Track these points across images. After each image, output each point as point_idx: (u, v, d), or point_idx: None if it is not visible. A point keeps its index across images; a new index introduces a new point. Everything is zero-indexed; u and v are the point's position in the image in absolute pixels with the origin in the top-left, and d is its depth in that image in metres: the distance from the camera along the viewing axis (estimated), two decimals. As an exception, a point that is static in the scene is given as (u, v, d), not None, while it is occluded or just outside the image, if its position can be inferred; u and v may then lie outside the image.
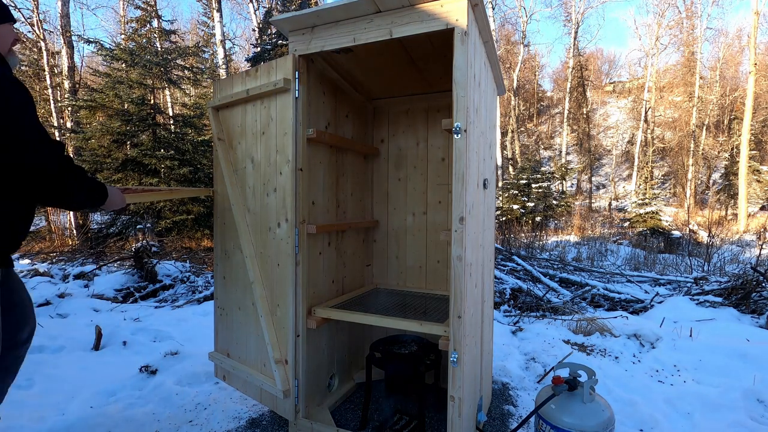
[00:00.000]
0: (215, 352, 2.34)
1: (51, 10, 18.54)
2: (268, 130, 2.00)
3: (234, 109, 2.18)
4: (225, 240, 2.24)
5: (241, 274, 2.15)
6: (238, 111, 2.16)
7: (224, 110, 2.24)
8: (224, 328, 2.29)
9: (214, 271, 2.33)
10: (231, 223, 2.18)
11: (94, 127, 9.23)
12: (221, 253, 2.27)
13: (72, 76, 11.02)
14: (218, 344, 2.34)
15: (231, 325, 2.25)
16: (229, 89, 2.18)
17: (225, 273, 2.26)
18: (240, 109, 2.15)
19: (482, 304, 2.01)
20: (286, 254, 1.93)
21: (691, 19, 22.86)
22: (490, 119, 2.18)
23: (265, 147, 2.02)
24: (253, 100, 2.06)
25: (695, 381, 2.72)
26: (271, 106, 1.98)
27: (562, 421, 1.61)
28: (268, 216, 2.01)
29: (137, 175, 8.98)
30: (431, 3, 1.56)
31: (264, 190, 2.03)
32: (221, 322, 2.31)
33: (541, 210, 14.56)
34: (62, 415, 2.15)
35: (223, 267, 2.27)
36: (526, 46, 24.29)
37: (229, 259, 2.23)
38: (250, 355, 2.13)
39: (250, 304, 2.11)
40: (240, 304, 2.18)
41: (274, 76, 1.93)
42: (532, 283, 5.44)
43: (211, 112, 2.26)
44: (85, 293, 4.68)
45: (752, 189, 16.33)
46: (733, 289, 4.52)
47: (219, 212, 2.25)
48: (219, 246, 2.29)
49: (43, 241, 9.53)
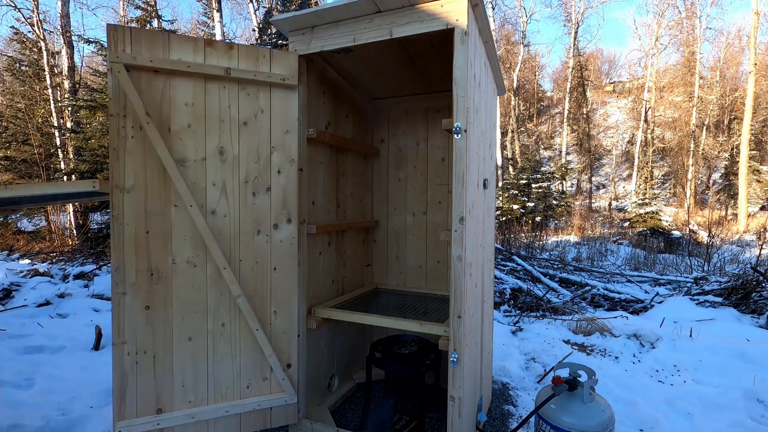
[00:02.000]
0: (128, 420, 1.68)
1: (51, 10, 18.55)
2: (256, 122, 1.83)
3: (177, 80, 1.72)
4: (156, 254, 1.71)
5: (199, 294, 1.76)
6: (188, 86, 1.74)
7: (152, 76, 1.69)
8: (148, 378, 1.71)
9: (115, 305, 1.66)
10: (176, 231, 1.73)
11: (94, 127, 9.23)
12: (144, 274, 1.69)
13: (72, 76, 11.02)
14: (136, 405, 1.70)
15: (167, 369, 1.73)
16: (164, 50, 1.69)
17: (152, 301, 1.71)
18: (191, 83, 1.74)
19: (482, 304, 2.01)
20: (287, 256, 1.89)
21: (691, 19, 22.85)
22: (490, 119, 2.18)
23: (248, 140, 1.82)
24: (226, 82, 1.78)
25: (695, 381, 2.72)
26: (260, 96, 1.83)
27: (562, 421, 1.61)
28: (257, 218, 1.83)
29: (137, 175, 8.97)
30: (431, 3, 1.56)
31: (246, 189, 1.82)
32: (141, 374, 1.70)
33: (541, 210, 14.56)
34: (62, 414, 2.15)
35: (147, 293, 1.70)
36: (526, 46, 24.29)
37: (163, 281, 1.72)
38: (222, 386, 1.81)
39: (220, 325, 1.79)
40: (194, 332, 1.76)
41: (267, 66, 1.81)
42: (532, 283, 5.44)
43: (120, 72, 1.62)
44: (85, 293, 4.68)
45: (752, 189, 16.33)
46: (733, 289, 4.52)
47: (133, 217, 1.68)
48: (135, 265, 1.68)
49: (43, 241, 9.54)
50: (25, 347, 3.05)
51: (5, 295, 4.40)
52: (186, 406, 1.77)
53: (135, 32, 1.67)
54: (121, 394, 1.69)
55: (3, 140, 11.55)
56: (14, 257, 7.20)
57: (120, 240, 1.67)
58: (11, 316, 3.82)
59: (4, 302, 4.24)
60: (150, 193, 1.71)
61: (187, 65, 1.71)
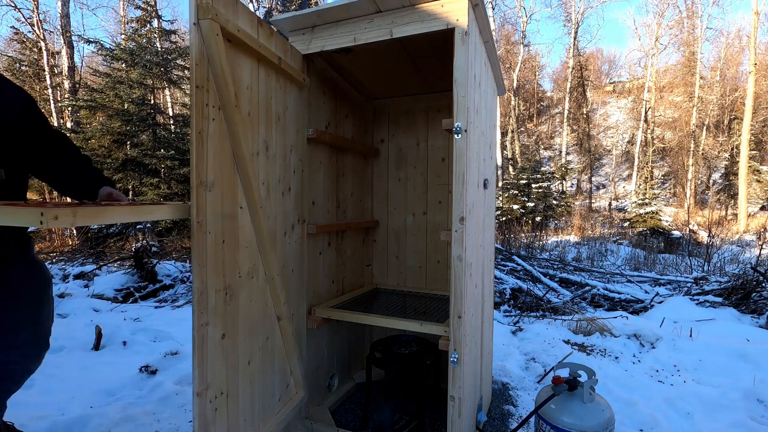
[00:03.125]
0: None
1: (51, 10, 18.57)
2: (284, 118, 1.73)
3: (241, 57, 1.43)
4: (230, 267, 1.39)
5: (256, 309, 1.55)
6: (247, 66, 1.47)
7: (227, 45, 1.34)
8: (222, 423, 1.39)
9: (198, 341, 1.25)
10: (241, 237, 1.45)
11: (94, 127, 9.23)
12: (221, 294, 1.35)
13: (72, 76, 11.02)
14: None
15: (235, 405, 1.45)
16: (235, 16, 1.37)
17: (226, 327, 1.37)
18: (249, 63, 1.48)
19: (482, 304, 2.01)
20: (298, 257, 1.90)
21: (692, 18, 22.85)
22: (491, 119, 2.17)
23: (282, 137, 1.71)
24: (272, 69, 1.56)
25: (695, 381, 2.72)
26: (288, 91, 1.75)
27: (562, 421, 1.61)
28: (284, 219, 1.75)
29: (137, 175, 8.98)
30: (432, 3, 1.56)
31: (278, 188, 1.70)
32: (219, 420, 1.36)
33: (541, 210, 14.55)
34: (62, 414, 2.15)
35: (222, 318, 1.36)
36: (526, 46, 24.29)
37: (234, 299, 1.42)
38: (267, 407, 1.64)
39: (265, 339, 1.61)
40: (251, 354, 1.52)
41: (290, 61, 1.71)
42: (532, 283, 5.44)
43: (218, 35, 1.25)
44: (85, 293, 4.68)
45: (752, 189, 16.33)
46: (733, 289, 4.52)
47: (213, 223, 1.30)
48: (215, 284, 1.32)
49: (43, 241, 9.54)
50: (25, 347, 3.05)
51: (5, 295, 4.39)
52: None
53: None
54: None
55: (3, 140, 11.52)
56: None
57: (203, 254, 1.26)
58: (11, 316, 3.82)
59: (4, 302, 4.24)
60: (225, 191, 1.37)
61: (256, 44, 1.45)
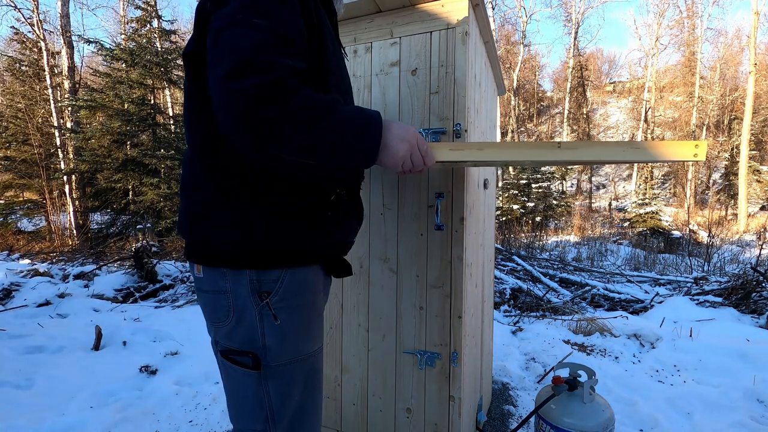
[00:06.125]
0: None
1: (51, 10, 18.52)
2: None
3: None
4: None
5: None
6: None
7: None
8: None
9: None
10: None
11: (94, 127, 9.24)
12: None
13: (72, 76, 11.02)
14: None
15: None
16: None
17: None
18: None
19: (482, 304, 2.01)
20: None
21: (692, 18, 22.87)
22: (491, 119, 2.17)
23: None
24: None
25: (695, 381, 2.72)
26: None
27: (562, 421, 1.61)
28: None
29: (137, 175, 8.98)
30: (432, 3, 1.56)
31: None
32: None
33: (541, 210, 14.56)
34: (62, 415, 2.15)
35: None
36: (526, 46, 24.30)
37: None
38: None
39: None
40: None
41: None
42: (532, 283, 5.44)
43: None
44: (85, 293, 4.68)
45: (752, 189, 16.35)
46: (733, 289, 4.52)
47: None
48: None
49: (43, 241, 9.55)
50: (25, 347, 3.05)
51: (5, 295, 4.40)
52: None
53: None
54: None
55: (3, 140, 11.55)
56: (14, 257, 7.21)
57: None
58: (11, 316, 3.82)
59: (4, 302, 4.24)
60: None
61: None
